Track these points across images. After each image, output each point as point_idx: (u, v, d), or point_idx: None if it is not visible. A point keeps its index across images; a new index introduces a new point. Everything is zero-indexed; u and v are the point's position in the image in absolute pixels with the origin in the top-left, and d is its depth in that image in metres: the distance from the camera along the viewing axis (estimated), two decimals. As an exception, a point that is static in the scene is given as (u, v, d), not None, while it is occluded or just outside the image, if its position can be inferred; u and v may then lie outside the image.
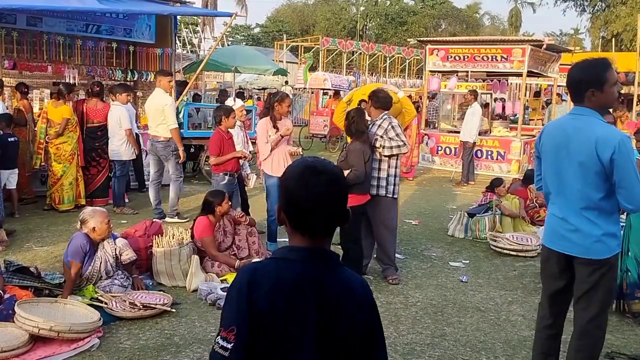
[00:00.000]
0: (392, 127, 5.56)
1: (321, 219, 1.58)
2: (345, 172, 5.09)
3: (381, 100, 5.66)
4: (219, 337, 1.52)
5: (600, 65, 3.10)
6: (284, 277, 1.54)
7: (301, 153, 6.18)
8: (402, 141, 5.55)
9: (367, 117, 5.65)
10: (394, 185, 5.59)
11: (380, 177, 5.54)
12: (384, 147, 5.48)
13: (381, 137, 5.49)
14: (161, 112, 7.46)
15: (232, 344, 1.48)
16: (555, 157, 3.21)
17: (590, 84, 3.06)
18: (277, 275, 1.55)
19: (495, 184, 7.79)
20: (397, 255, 5.96)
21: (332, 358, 1.54)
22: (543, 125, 15.80)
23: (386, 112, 5.67)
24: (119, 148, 7.92)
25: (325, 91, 20.20)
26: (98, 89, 8.26)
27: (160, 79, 7.68)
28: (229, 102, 7.51)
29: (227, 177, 6.34)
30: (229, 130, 6.57)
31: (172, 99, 7.89)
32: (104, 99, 8.46)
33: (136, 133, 8.54)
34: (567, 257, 3.21)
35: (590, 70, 3.09)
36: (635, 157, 3.24)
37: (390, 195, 5.57)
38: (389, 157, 5.53)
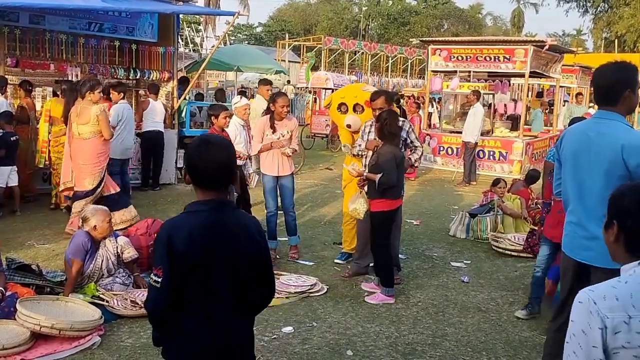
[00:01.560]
0: (413, 130, 5.71)
1: (214, 177, 2.19)
2: (377, 177, 5.05)
3: (393, 99, 5.70)
4: (153, 273, 2.13)
5: (633, 67, 3.11)
6: (194, 225, 2.13)
7: (290, 154, 6.15)
8: (420, 144, 5.77)
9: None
10: (403, 185, 5.62)
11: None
12: (417, 160, 5.75)
13: (407, 145, 5.64)
14: (259, 117, 8.15)
15: (161, 278, 2.10)
16: (576, 163, 3.19)
17: (627, 84, 3.05)
18: (189, 224, 2.14)
19: (493, 184, 7.79)
20: (399, 255, 5.95)
21: (237, 274, 2.18)
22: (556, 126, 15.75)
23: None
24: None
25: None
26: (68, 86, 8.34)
27: (261, 87, 9.00)
28: (235, 100, 7.47)
29: None
30: (225, 129, 6.50)
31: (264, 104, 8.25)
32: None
33: (137, 132, 8.53)
34: (585, 265, 3.16)
35: (626, 72, 3.08)
36: None
37: (402, 196, 5.57)
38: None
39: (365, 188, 5.27)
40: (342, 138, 6.43)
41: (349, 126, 6.06)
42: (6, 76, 8.36)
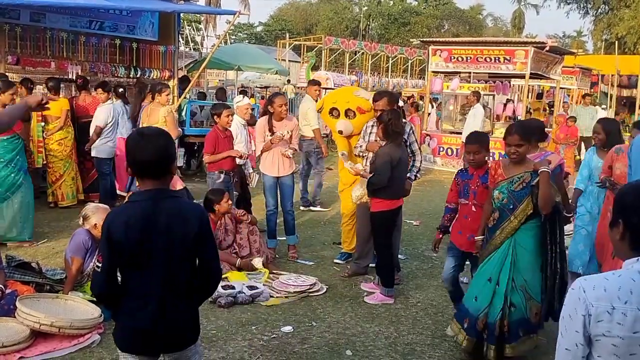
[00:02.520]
0: (413, 132, 5.66)
1: (150, 168, 2.36)
2: (368, 176, 5.08)
3: (397, 100, 5.64)
4: (96, 260, 2.39)
5: None
6: (131, 214, 2.34)
7: (290, 155, 6.16)
8: (419, 151, 5.71)
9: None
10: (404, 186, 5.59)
11: None
12: (416, 175, 5.68)
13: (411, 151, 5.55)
14: (305, 114, 8.61)
15: (102, 264, 2.34)
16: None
17: None
18: (127, 214, 2.35)
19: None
20: (398, 255, 5.96)
21: (172, 258, 2.35)
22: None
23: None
24: (96, 145, 7.84)
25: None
26: (81, 81, 8.42)
27: (309, 87, 9.19)
28: (237, 99, 7.47)
29: (222, 176, 6.30)
30: (228, 128, 6.50)
31: (314, 103, 8.32)
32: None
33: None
34: None
35: None
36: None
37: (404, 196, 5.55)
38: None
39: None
40: (338, 144, 6.37)
41: (340, 132, 6.00)
42: (6, 74, 8.35)
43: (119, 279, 2.42)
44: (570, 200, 5.17)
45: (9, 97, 6.11)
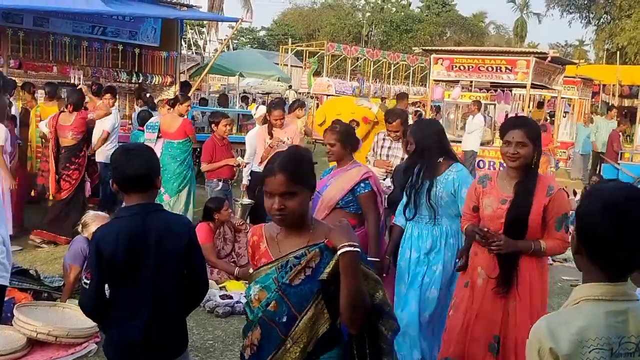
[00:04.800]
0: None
1: (134, 183, 2.41)
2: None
3: (407, 119, 5.21)
4: (84, 277, 2.38)
5: None
6: (119, 230, 2.37)
7: None
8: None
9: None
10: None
11: None
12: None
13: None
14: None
15: (89, 280, 2.35)
16: None
17: None
18: (116, 230, 2.38)
19: None
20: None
21: (165, 268, 2.39)
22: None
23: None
24: (102, 150, 7.82)
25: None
26: (96, 87, 8.49)
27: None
28: (261, 109, 7.59)
29: (221, 184, 6.35)
30: (225, 137, 6.53)
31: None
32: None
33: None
34: None
35: None
36: None
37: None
38: None
39: None
40: None
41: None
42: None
43: (107, 293, 2.47)
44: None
45: None
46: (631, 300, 1.52)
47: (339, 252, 1.90)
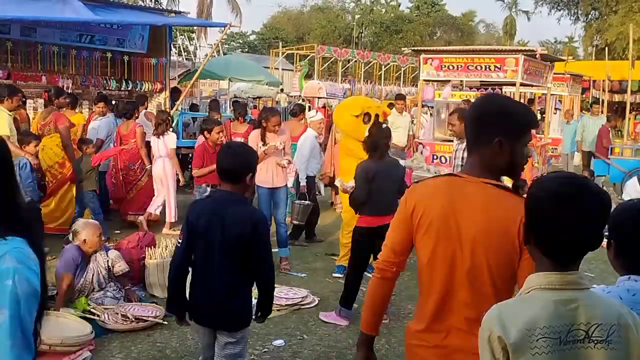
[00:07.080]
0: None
1: (225, 174, 3.01)
2: (349, 192, 5.08)
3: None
4: (179, 238, 3.07)
5: None
6: (204, 205, 3.08)
7: (286, 165, 6.19)
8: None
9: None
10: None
11: None
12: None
13: None
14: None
15: (181, 240, 3.04)
16: None
17: None
18: (203, 205, 3.11)
19: None
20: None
21: (229, 245, 2.92)
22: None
23: None
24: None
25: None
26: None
27: (396, 101, 9.64)
28: (311, 114, 7.78)
29: (209, 189, 6.38)
30: (218, 144, 6.55)
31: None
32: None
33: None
34: None
35: None
36: None
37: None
38: None
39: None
40: (342, 172, 5.87)
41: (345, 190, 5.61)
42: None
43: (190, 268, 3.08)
44: None
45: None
46: (582, 289, 1.55)
47: None
